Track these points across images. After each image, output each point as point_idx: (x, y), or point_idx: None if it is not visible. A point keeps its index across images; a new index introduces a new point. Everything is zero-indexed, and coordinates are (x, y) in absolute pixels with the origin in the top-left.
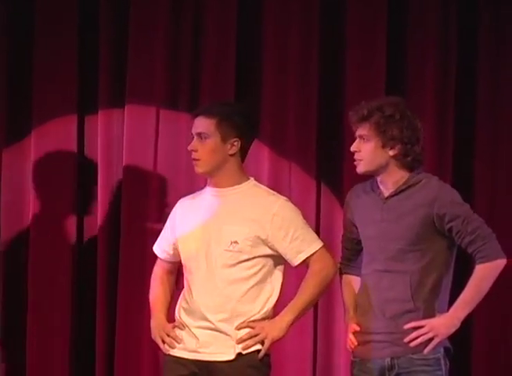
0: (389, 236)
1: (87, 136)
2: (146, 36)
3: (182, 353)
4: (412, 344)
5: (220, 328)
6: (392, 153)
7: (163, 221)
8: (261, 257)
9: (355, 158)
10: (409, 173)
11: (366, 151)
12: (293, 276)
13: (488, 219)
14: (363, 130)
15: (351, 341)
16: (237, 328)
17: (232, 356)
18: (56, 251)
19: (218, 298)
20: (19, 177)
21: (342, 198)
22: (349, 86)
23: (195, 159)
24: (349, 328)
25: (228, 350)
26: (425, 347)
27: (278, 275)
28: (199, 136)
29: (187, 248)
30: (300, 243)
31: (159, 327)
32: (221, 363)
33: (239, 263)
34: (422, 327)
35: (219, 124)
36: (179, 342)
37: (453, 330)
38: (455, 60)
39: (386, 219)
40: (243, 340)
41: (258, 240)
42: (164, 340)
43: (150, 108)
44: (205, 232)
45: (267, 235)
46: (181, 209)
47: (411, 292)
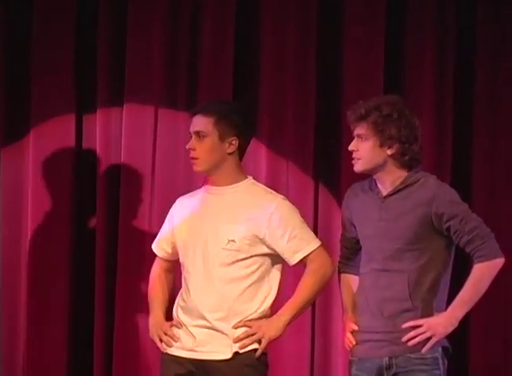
0: (387, 235)
1: (85, 135)
2: (144, 35)
3: (179, 352)
4: (410, 343)
5: (217, 327)
6: (390, 152)
7: (161, 219)
8: (259, 256)
9: (353, 157)
10: (407, 172)
11: (364, 150)
12: (290, 275)
13: (486, 218)
14: (361, 129)
15: (349, 340)
16: (234, 327)
17: (229, 355)
18: (55, 250)
19: (216, 297)
20: (18, 176)
21: (340, 197)
22: (347, 85)
23: (193, 158)
24: (347, 327)
25: (225, 349)
26: (423, 346)
27: (276, 274)
28: (197, 135)
29: (185, 247)
30: (297, 242)
31: (157, 326)
32: (218, 362)
33: (236, 262)
34: (420, 327)
35: (217, 122)
36: (177, 341)
37: (451, 329)
38: (453, 57)
39: (384, 218)
40: (240, 339)
41: (256, 239)
42: (162, 338)
43: (149, 107)
44: (203, 230)
45: (264, 234)
46: (179, 208)
47: (409, 291)
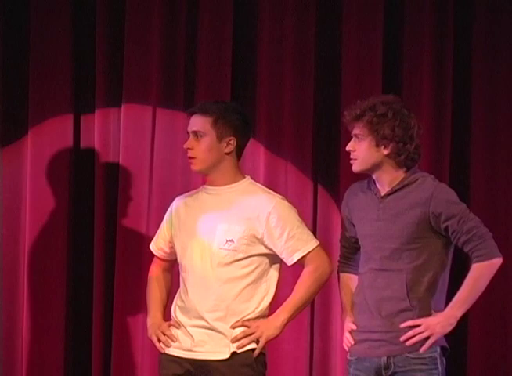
0: (385, 235)
1: (83, 135)
2: (142, 35)
3: (178, 352)
4: (408, 343)
5: (215, 327)
6: (386, 152)
7: (159, 219)
8: (257, 256)
9: (351, 157)
10: (405, 172)
11: (361, 150)
12: (289, 274)
13: (485, 218)
14: (357, 129)
15: (347, 340)
16: (232, 327)
17: (227, 355)
18: (53, 250)
19: (214, 297)
20: (16, 176)
21: (338, 197)
22: (345, 86)
23: (190, 157)
24: (346, 327)
25: (223, 349)
26: (421, 346)
27: (273, 274)
28: (194, 134)
29: (183, 247)
30: (295, 242)
31: (155, 326)
32: (216, 362)
33: (234, 262)
34: (418, 326)
35: (215, 122)
36: (175, 341)
37: (449, 329)
38: (451, 56)
39: (382, 218)
40: (238, 339)
41: (254, 239)
42: (160, 338)
43: (147, 107)
44: (200, 230)
45: (262, 234)
46: (177, 207)
47: (407, 291)
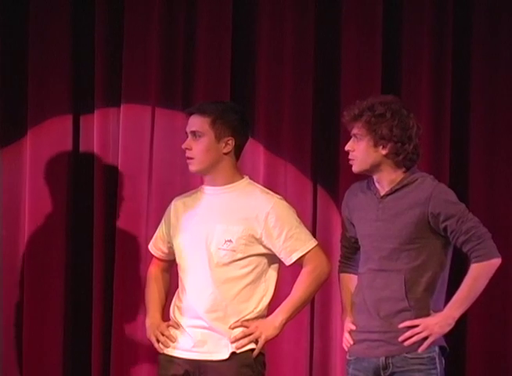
0: (384, 235)
1: (83, 136)
2: (141, 36)
3: (177, 352)
4: (406, 343)
5: (214, 327)
6: (384, 152)
7: (158, 220)
8: (255, 256)
9: (350, 158)
10: (405, 172)
11: (359, 150)
12: (288, 274)
13: (484, 218)
14: (356, 129)
15: (346, 340)
16: (231, 327)
17: (226, 356)
18: (52, 250)
19: (212, 297)
20: (16, 177)
21: (338, 198)
22: (345, 86)
23: (189, 157)
24: (345, 327)
25: (222, 349)
26: (419, 346)
27: (272, 274)
28: (193, 135)
29: (181, 247)
30: (294, 242)
31: (153, 326)
32: (215, 363)
33: (233, 262)
34: (416, 326)
35: (213, 122)
36: (174, 341)
37: (448, 329)
38: (450, 56)
39: (381, 218)
40: (237, 339)
41: (252, 239)
42: (159, 339)
43: (146, 107)
44: (199, 230)
45: (261, 234)
46: (175, 208)
47: (405, 291)
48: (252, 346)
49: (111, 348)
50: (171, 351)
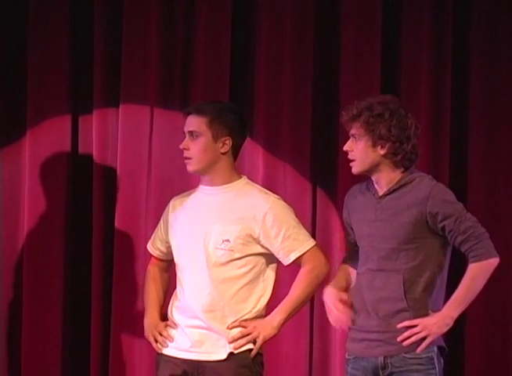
0: (382, 235)
1: (81, 136)
2: (140, 36)
3: (174, 352)
4: (404, 343)
5: (212, 327)
6: (382, 151)
7: (157, 219)
8: (253, 255)
9: (349, 158)
10: (403, 172)
11: (358, 150)
12: (287, 274)
13: (483, 218)
14: (354, 129)
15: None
16: (229, 327)
17: (223, 356)
18: (51, 250)
19: (210, 297)
20: (15, 177)
21: (337, 199)
22: (344, 87)
23: (187, 157)
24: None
25: (220, 350)
26: (418, 346)
27: (270, 274)
28: (190, 135)
29: (179, 247)
30: (292, 242)
31: (151, 326)
32: (212, 363)
33: (230, 262)
34: (415, 326)
35: (211, 122)
36: (171, 341)
37: (446, 329)
38: (450, 56)
39: (380, 219)
40: (235, 339)
41: (250, 239)
42: (157, 339)
43: (145, 107)
44: (197, 230)
45: (259, 233)
46: (173, 207)
47: (404, 291)
48: (250, 346)
49: (110, 347)
50: (169, 351)
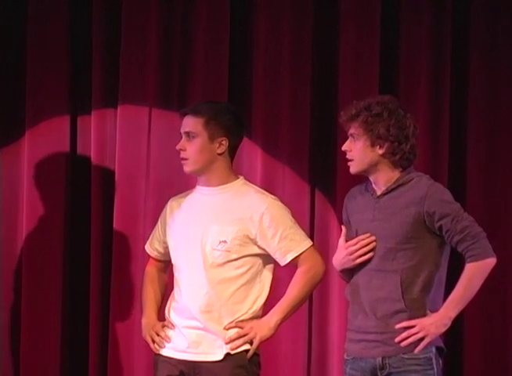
0: (380, 234)
1: (80, 136)
2: (138, 37)
3: (171, 353)
4: (403, 344)
5: (208, 328)
6: (381, 151)
7: (155, 220)
8: (250, 256)
9: (347, 158)
10: (401, 172)
11: (356, 150)
12: (285, 275)
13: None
14: (353, 129)
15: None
16: (226, 328)
17: (220, 357)
18: (50, 250)
19: (207, 298)
20: (14, 177)
21: (335, 200)
22: (342, 88)
23: (183, 158)
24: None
25: (216, 350)
26: (416, 347)
27: (267, 274)
28: (187, 135)
29: (176, 247)
30: (288, 242)
31: (149, 326)
32: (209, 364)
33: (227, 262)
34: (413, 327)
35: (207, 123)
36: (169, 342)
37: (443, 329)
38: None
39: (378, 218)
40: (232, 340)
41: (247, 240)
42: (154, 339)
43: (143, 108)
44: (194, 231)
45: (255, 234)
46: (171, 208)
47: (401, 292)
48: (247, 347)
49: (108, 347)
50: (166, 351)
